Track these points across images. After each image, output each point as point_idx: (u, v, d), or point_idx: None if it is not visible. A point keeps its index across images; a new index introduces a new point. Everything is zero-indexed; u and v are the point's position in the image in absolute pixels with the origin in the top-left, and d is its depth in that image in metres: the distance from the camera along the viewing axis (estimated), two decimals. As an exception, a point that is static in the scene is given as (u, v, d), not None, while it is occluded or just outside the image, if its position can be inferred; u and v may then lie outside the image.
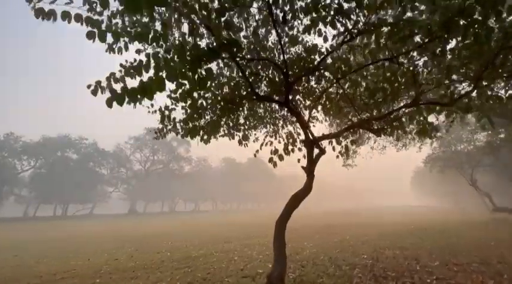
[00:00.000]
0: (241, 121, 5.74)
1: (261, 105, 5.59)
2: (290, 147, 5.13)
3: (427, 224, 15.25)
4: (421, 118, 5.13)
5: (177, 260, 7.50)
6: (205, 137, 5.39)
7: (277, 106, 5.67)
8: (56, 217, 43.64)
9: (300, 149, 5.39)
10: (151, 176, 57.01)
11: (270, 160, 5.02)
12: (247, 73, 4.10)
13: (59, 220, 37.97)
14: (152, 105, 4.62)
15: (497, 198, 22.86)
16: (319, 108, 5.95)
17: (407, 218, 22.38)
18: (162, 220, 34.25)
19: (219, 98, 4.41)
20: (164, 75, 2.41)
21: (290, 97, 4.53)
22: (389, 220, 20.57)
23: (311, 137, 4.85)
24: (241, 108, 4.92)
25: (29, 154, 42.61)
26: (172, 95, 4.38)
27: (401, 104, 5.09)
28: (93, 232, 18.38)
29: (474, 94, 4.51)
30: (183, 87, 3.32)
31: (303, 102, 5.41)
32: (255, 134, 6.27)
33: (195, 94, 4.16)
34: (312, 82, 4.60)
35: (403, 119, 5.24)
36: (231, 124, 5.60)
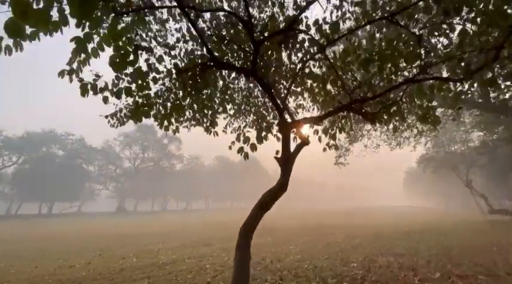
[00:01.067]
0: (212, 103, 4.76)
1: (231, 85, 4.61)
2: (264, 133, 4.16)
3: (422, 226, 14.54)
4: (424, 101, 4.23)
5: (140, 268, 6.48)
6: (166, 123, 4.42)
7: (252, 86, 4.71)
8: (40, 215, 41.91)
9: (278, 138, 4.43)
10: (142, 174, 55.52)
11: (240, 150, 4.06)
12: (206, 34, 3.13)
13: (42, 219, 36.39)
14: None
15: (491, 200, 22.35)
16: (305, 94, 5.03)
17: (401, 220, 21.73)
18: (149, 219, 33.01)
19: (170, 67, 3.42)
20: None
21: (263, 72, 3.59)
22: (383, 221, 19.86)
23: (289, 119, 3.90)
24: (202, 83, 3.92)
25: (11, 150, 40.74)
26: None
27: (401, 80, 4.17)
28: (69, 232, 17.15)
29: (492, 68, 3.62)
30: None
31: (282, 82, 4.45)
32: (229, 121, 5.30)
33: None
34: (288, 52, 3.63)
35: (402, 101, 4.34)
36: (196, 106, 4.62)
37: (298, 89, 4.41)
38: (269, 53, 3.54)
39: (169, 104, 4.37)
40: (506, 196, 29.33)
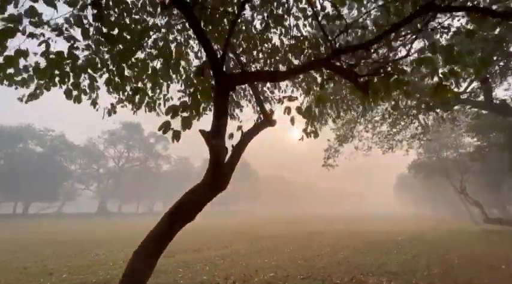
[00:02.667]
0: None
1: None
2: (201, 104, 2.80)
3: (415, 235, 13.39)
4: (437, 69, 2.96)
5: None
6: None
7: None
8: (15, 215, 39.14)
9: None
10: (126, 174, 53.22)
11: (164, 127, 2.70)
12: None
13: (14, 219, 33.81)
14: None
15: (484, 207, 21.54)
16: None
17: (393, 226, 20.65)
18: (129, 221, 31.06)
19: None
20: None
21: None
22: (374, 228, 18.70)
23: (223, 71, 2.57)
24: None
25: (-18, 145, 38.13)
26: None
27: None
28: (22, 237, 15.28)
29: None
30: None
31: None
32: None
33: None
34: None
35: (406, 67, 3.10)
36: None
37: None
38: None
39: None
40: (498, 205, 28.81)
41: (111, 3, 3.02)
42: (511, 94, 13.86)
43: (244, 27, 3.82)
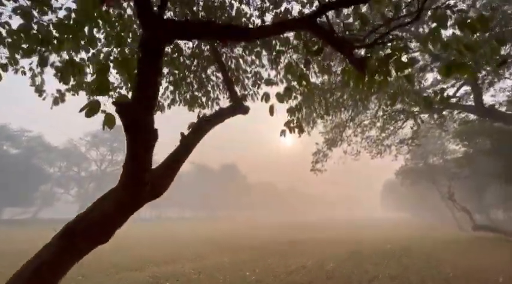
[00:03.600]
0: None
1: None
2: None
3: (405, 243, 12.91)
4: (449, 44, 2.35)
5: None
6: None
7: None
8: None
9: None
10: (109, 177, 51.01)
11: (85, 108, 1.94)
12: None
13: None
14: None
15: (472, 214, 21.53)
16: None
17: (381, 233, 20.22)
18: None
19: None
20: None
21: None
22: (362, 235, 18.18)
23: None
24: None
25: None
26: None
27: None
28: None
29: None
30: None
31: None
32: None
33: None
34: None
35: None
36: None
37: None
38: None
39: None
40: (483, 210, 29.12)
41: None
42: (498, 100, 13.79)
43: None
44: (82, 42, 2.58)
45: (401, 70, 2.54)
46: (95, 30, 2.53)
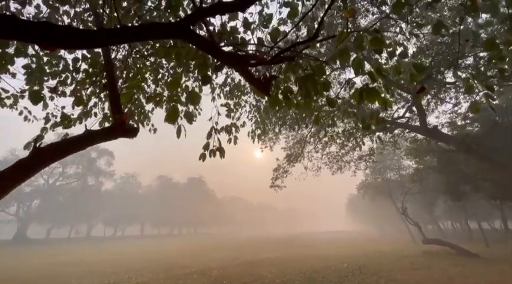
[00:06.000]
0: None
1: None
2: None
3: (362, 260, 12.96)
4: (362, 65, 2.11)
5: None
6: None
7: None
8: None
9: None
10: (59, 193, 45.78)
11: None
12: None
13: None
14: None
15: (422, 224, 22.89)
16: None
17: (341, 249, 20.35)
18: (51, 250, 25.70)
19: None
20: None
21: None
22: (323, 253, 18.06)
23: None
24: None
25: None
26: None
27: None
28: None
29: None
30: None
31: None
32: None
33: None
34: None
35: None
36: None
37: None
38: None
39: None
40: (433, 222, 31.28)
41: None
42: (441, 121, 15.12)
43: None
44: None
45: (320, 92, 2.24)
46: None
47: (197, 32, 2.12)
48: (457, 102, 12.42)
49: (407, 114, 14.00)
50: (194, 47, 2.11)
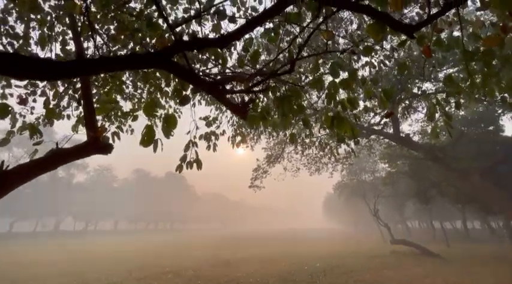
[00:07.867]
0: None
1: None
2: None
3: (334, 260, 13.48)
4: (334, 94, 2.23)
5: None
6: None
7: None
8: None
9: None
10: (25, 185, 42.75)
11: None
12: None
13: None
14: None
15: (392, 227, 24.19)
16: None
17: (315, 250, 20.97)
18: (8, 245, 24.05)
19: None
20: None
21: None
22: (297, 252, 18.52)
23: None
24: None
25: None
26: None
27: None
28: None
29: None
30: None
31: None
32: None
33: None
34: None
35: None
36: None
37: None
38: None
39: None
40: (403, 222, 33.04)
41: None
42: (413, 129, 15.99)
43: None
44: None
45: (296, 113, 2.32)
46: None
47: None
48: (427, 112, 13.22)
49: (382, 121, 14.67)
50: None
